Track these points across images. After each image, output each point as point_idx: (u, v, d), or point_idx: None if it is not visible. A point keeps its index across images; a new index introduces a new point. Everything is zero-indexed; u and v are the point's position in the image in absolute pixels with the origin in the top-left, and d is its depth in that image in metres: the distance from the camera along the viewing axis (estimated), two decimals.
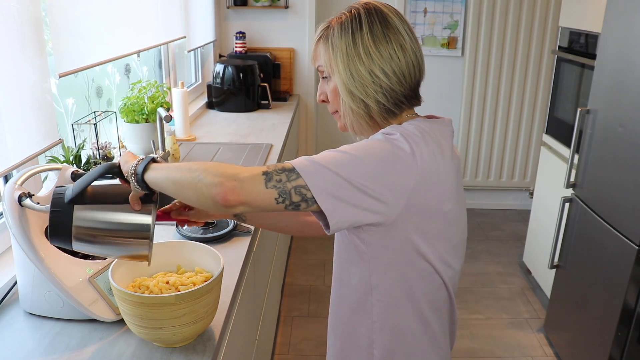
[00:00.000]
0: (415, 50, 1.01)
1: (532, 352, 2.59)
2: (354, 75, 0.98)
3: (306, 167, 0.88)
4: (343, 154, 0.91)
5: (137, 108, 2.13)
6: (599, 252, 2.16)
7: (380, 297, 1.01)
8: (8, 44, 1.26)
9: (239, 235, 1.56)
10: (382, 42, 0.98)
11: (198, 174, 0.86)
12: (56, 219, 0.94)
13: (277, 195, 0.86)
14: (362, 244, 0.98)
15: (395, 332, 1.04)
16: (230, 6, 3.62)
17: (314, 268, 3.30)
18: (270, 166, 0.88)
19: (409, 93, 1.01)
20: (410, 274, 0.99)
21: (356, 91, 0.99)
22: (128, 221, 0.96)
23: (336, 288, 1.11)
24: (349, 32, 0.98)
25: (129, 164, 0.92)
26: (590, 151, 2.27)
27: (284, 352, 2.54)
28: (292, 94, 3.79)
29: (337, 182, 0.87)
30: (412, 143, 0.93)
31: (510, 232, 3.87)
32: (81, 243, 0.95)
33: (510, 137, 4.01)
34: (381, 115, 1.01)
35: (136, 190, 0.93)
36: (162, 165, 0.92)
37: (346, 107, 1.02)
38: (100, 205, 0.95)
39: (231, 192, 0.83)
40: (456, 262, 1.06)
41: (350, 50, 0.98)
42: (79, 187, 0.94)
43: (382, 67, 0.97)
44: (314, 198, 0.86)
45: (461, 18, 3.75)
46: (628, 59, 1.98)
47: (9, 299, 1.21)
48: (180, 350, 1.06)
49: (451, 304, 1.10)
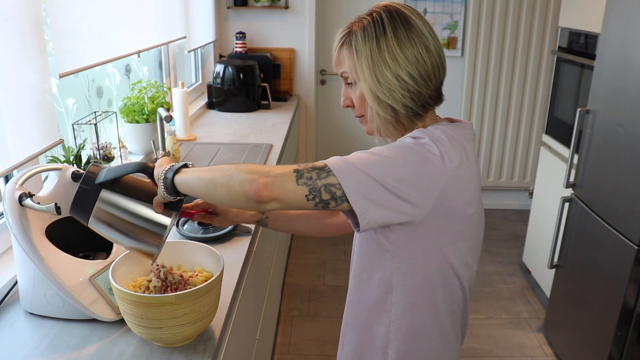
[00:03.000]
0: (439, 50, 1.00)
1: (532, 351, 2.59)
2: (380, 81, 0.98)
3: (339, 166, 0.90)
4: (375, 155, 0.92)
5: (138, 108, 2.13)
6: (598, 252, 2.16)
7: (400, 297, 1.02)
8: (8, 44, 1.27)
9: (239, 235, 1.56)
10: (407, 45, 0.97)
11: (231, 172, 0.89)
12: (82, 195, 0.97)
13: (307, 192, 0.88)
14: (386, 242, 0.99)
15: (411, 334, 1.04)
16: (231, 6, 3.62)
17: (314, 268, 3.31)
18: (302, 165, 0.91)
19: (435, 94, 1.02)
20: (431, 274, 1.00)
21: (383, 97, 0.98)
22: (148, 217, 0.99)
23: (355, 286, 1.12)
24: (372, 37, 0.97)
25: (161, 168, 0.96)
26: (589, 151, 2.27)
27: (284, 352, 2.54)
28: (292, 94, 3.79)
29: (368, 183, 0.89)
30: (441, 147, 0.94)
31: (510, 232, 3.87)
32: (97, 223, 0.99)
33: (510, 137, 4.01)
34: (408, 119, 1.01)
35: (163, 195, 0.95)
36: (193, 169, 0.95)
37: (373, 112, 1.02)
38: (126, 197, 0.99)
39: (264, 188, 0.86)
40: (474, 262, 1.08)
41: (376, 56, 0.97)
42: (113, 174, 0.97)
43: (409, 70, 0.97)
44: (345, 197, 0.88)
45: (461, 18, 3.76)
46: (628, 59, 1.98)
47: (10, 299, 1.22)
48: (180, 350, 1.06)
49: (465, 306, 1.11)
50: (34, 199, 1.07)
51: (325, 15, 3.81)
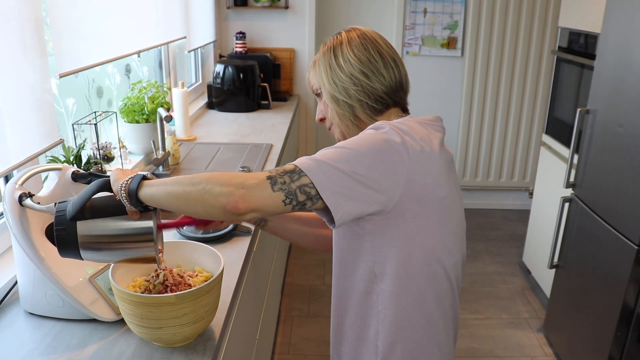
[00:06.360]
0: (394, 57, 1.10)
1: (532, 351, 2.59)
2: (336, 82, 1.09)
3: (309, 165, 0.91)
4: (340, 149, 0.95)
5: (138, 108, 2.13)
6: (598, 252, 2.16)
7: (384, 286, 1.03)
8: (8, 44, 1.26)
9: (239, 235, 1.56)
10: (361, 49, 1.08)
11: (203, 185, 0.87)
12: (62, 236, 0.96)
13: (284, 197, 0.89)
14: (363, 232, 1.01)
15: (396, 324, 1.05)
16: (231, 6, 3.62)
17: (314, 268, 3.31)
18: (272, 170, 0.91)
19: (390, 92, 1.08)
20: (412, 262, 1.02)
21: (340, 96, 1.09)
22: (130, 227, 0.97)
23: (341, 282, 1.12)
24: (330, 50, 1.10)
25: (118, 184, 0.92)
26: (589, 151, 2.27)
27: (284, 352, 2.54)
28: (292, 94, 3.79)
29: (338, 176, 0.90)
30: (401, 133, 0.98)
31: (510, 232, 3.87)
32: (89, 253, 0.98)
33: (510, 137, 4.01)
34: (365, 114, 1.09)
35: (131, 209, 0.93)
36: (155, 181, 0.92)
37: (334, 113, 1.12)
38: (101, 219, 0.97)
39: (241, 201, 0.86)
40: (457, 249, 1.09)
41: (333, 63, 1.09)
42: (78, 204, 0.95)
43: (361, 68, 1.07)
44: (319, 195, 0.90)
45: (461, 18, 3.76)
46: (627, 59, 1.98)
47: (10, 299, 1.22)
48: (180, 350, 1.06)
49: (454, 299, 1.11)
50: (34, 199, 1.07)
51: (325, 15, 3.81)
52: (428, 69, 3.88)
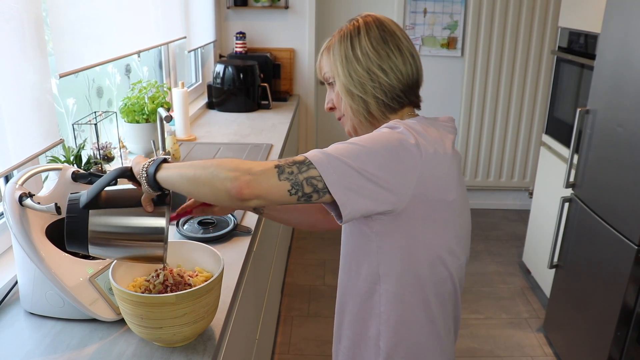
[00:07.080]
0: (412, 52, 1.06)
1: (532, 351, 2.59)
2: (352, 75, 1.04)
3: (319, 158, 0.91)
4: (353, 145, 0.93)
5: (138, 108, 2.13)
6: (598, 252, 2.16)
7: (387, 287, 1.03)
8: (9, 44, 1.27)
9: (239, 235, 1.56)
10: (380, 42, 1.04)
11: (212, 169, 0.89)
12: (72, 225, 0.95)
13: (289, 187, 0.89)
14: (371, 232, 1.00)
15: (399, 325, 1.05)
16: (231, 6, 3.62)
17: (314, 268, 3.31)
18: (282, 160, 0.91)
19: (407, 89, 1.05)
20: (417, 263, 1.01)
21: (355, 90, 1.05)
22: (142, 225, 0.98)
23: (344, 280, 1.13)
24: (347, 39, 1.05)
25: (140, 165, 0.95)
26: (589, 151, 2.27)
27: (284, 352, 2.54)
28: (292, 94, 3.79)
29: (348, 172, 0.90)
30: (415, 135, 0.96)
31: (510, 232, 3.87)
32: (97, 247, 0.97)
33: (510, 137, 4.01)
34: (380, 111, 1.06)
35: (148, 191, 0.95)
36: (173, 164, 0.95)
37: (347, 107, 1.08)
38: (115, 210, 0.97)
39: (246, 186, 0.86)
40: (462, 251, 1.08)
41: (349, 54, 1.04)
42: (94, 192, 0.95)
43: (380, 64, 1.03)
44: (327, 189, 0.89)
45: (461, 18, 3.76)
46: (627, 59, 1.98)
47: (10, 299, 1.22)
48: (180, 350, 1.06)
49: (456, 298, 1.11)
50: (34, 199, 1.07)
51: (325, 15, 3.81)
52: (428, 69, 3.81)
